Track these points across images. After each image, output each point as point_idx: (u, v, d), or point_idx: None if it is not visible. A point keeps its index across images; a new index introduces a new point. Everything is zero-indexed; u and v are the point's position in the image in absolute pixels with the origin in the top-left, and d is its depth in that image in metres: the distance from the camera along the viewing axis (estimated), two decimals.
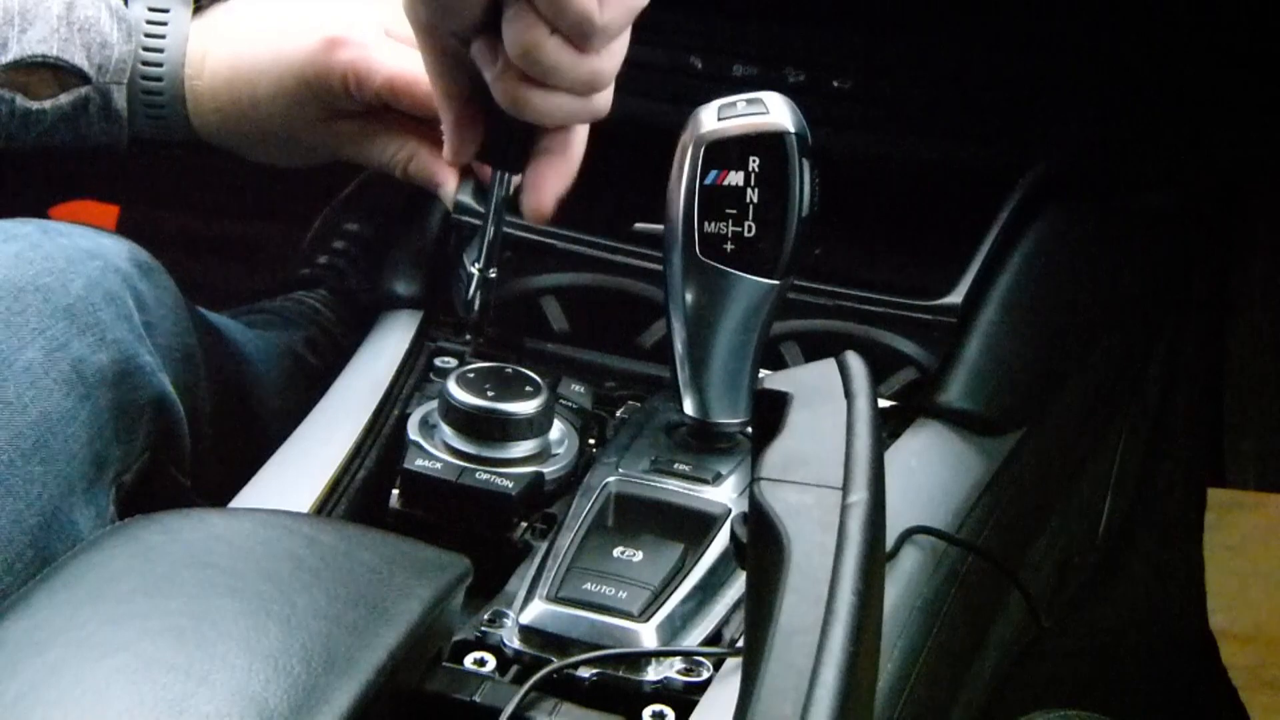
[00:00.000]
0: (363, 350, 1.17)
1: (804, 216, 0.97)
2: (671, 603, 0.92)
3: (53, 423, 0.98)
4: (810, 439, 0.71)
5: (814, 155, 0.97)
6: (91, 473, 1.00)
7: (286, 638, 0.76)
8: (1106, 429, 1.33)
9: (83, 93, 1.11)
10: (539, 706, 0.85)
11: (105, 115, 1.13)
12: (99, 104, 1.12)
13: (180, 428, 1.08)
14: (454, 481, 1.00)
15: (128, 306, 1.05)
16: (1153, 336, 1.40)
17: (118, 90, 1.12)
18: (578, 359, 1.16)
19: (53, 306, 1.01)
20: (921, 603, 0.99)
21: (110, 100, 1.12)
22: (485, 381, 1.03)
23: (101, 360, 1.01)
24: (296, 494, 1.03)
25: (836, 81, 1.24)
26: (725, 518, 0.96)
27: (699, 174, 0.96)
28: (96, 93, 1.12)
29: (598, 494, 0.98)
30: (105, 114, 1.13)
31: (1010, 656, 1.15)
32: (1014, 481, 1.12)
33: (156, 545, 0.82)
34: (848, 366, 0.74)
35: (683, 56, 1.26)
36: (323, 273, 1.41)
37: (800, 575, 0.66)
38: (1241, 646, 1.59)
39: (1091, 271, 1.25)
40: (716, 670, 0.89)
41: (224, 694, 0.72)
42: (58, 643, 0.75)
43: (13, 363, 0.97)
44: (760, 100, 0.97)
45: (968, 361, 1.11)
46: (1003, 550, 1.10)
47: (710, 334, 0.99)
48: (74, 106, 1.12)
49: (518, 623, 0.91)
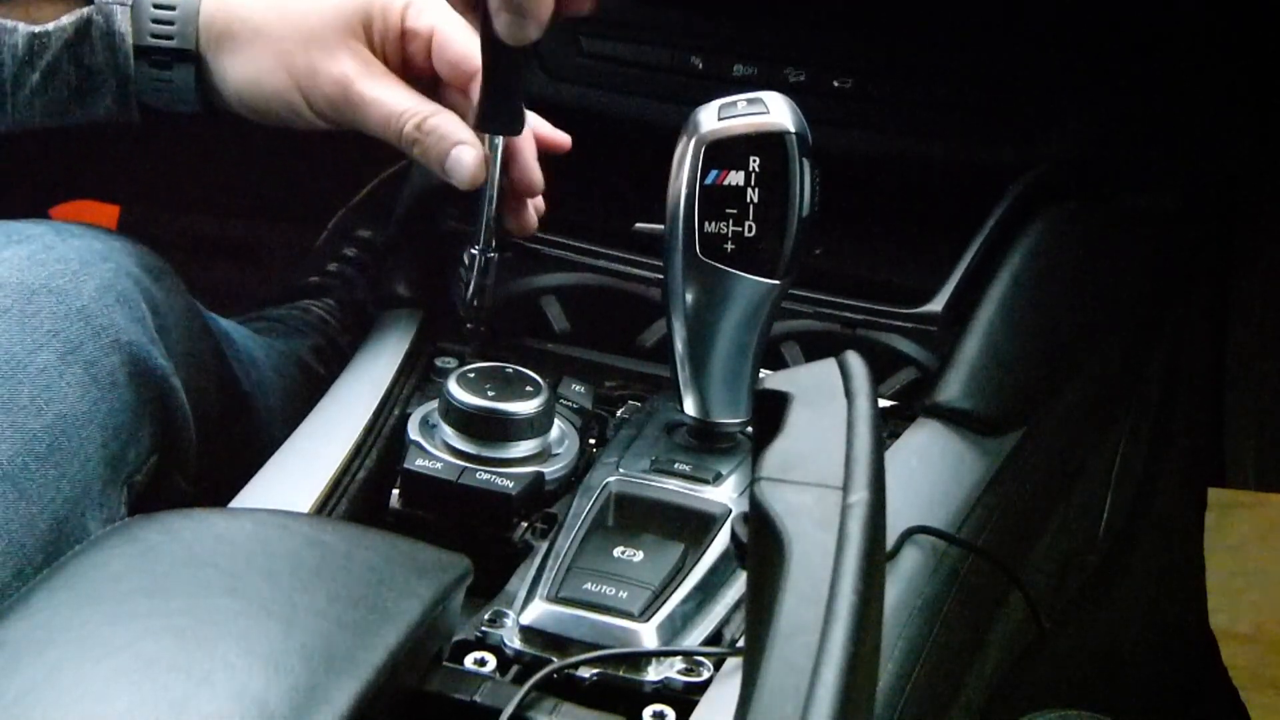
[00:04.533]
0: (363, 350, 1.17)
1: (804, 216, 0.97)
2: (672, 603, 0.92)
3: (67, 425, 0.97)
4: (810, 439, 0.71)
5: (814, 155, 0.97)
6: (106, 474, 1.00)
7: (286, 638, 0.76)
8: (1106, 429, 1.33)
9: (85, 13, 1.07)
10: (539, 706, 0.85)
11: (108, 41, 1.07)
12: (102, 26, 1.07)
13: (187, 432, 1.08)
14: (454, 481, 1.00)
15: (140, 309, 1.05)
16: (1153, 336, 1.40)
17: (120, 11, 1.07)
18: (578, 359, 1.16)
19: (66, 308, 1.00)
20: (921, 603, 0.99)
21: (113, 22, 1.07)
22: (485, 381, 1.03)
23: (114, 362, 1.01)
24: (296, 494, 1.03)
25: (836, 81, 1.24)
26: (725, 518, 0.96)
27: (699, 174, 0.96)
28: (99, 13, 1.07)
29: (598, 494, 0.98)
30: (108, 38, 1.07)
31: (1010, 656, 1.15)
32: (1014, 481, 1.12)
33: (156, 545, 0.82)
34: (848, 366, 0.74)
35: (683, 56, 1.26)
36: (331, 281, 1.41)
37: (800, 575, 0.66)
38: (1241, 646, 1.59)
39: (1092, 271, 1.25)
40: (717, 670, 0.89)
41: (224, 694, 0.72)
42: (58, 643, 0.75)
43: (27, 365, 0.97)
44: (760, 100, 0.97)
45: (967, 361, 1.11)
46: (1003, 550, 1.10)
47: (710, 334, 0.99)
48: (76, 29, 1.06)
49: (518, 623, 0.91)
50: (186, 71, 1.08)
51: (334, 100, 1.06)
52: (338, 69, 1.05)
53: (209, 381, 1.12)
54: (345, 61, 1.06)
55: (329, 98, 1.06)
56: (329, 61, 1.05)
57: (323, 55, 1.06)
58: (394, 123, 1.05)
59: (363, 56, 1.06)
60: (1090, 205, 1.24)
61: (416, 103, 1.06)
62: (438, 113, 1.05)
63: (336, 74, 1.05)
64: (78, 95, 1.08)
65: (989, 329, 1.13)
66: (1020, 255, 1.17)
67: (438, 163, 1.05)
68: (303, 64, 1.06)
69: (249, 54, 1.07)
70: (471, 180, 1.05)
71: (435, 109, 1.06)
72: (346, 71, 1.05)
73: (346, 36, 1.06)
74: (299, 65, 1.06)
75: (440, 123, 1.05)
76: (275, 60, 1.06)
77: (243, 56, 1.07)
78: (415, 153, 1.06)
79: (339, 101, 1.06)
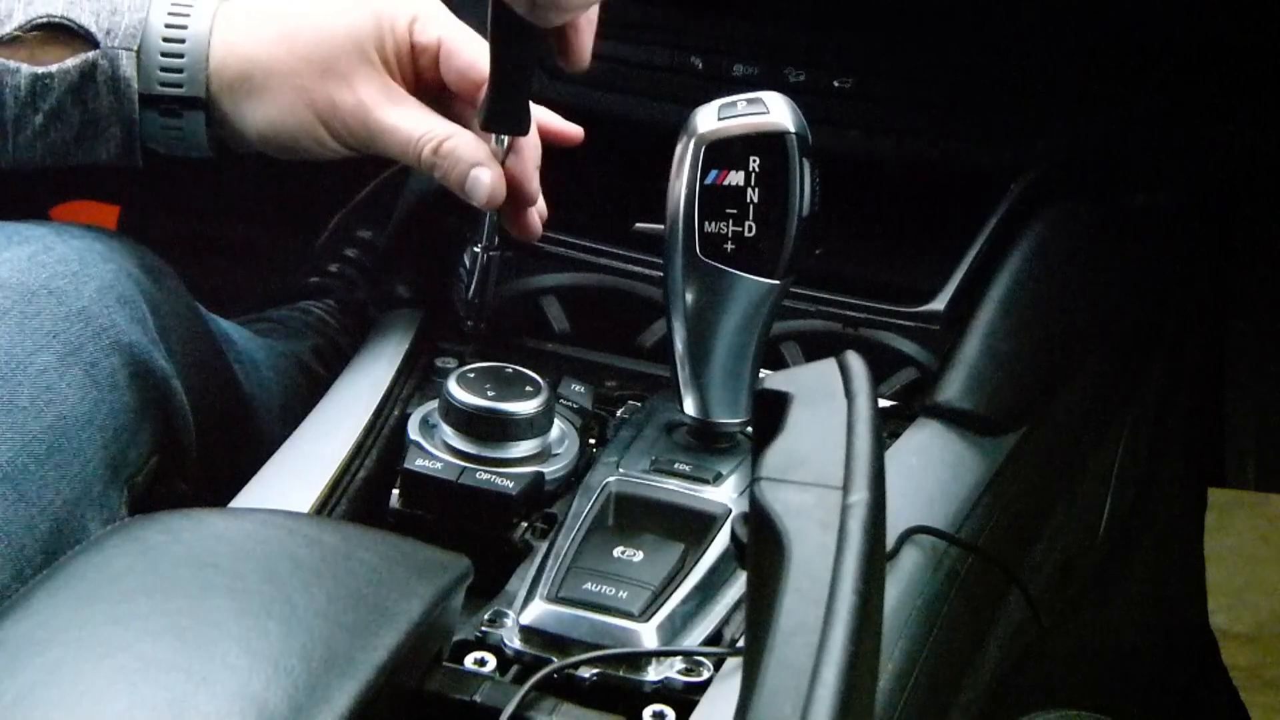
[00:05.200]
0: (363, 350, 1.17)
1: (804, 216, 0.97)
2: (672, 603, 0.92)
3: (67, 426, 0.97)
4: (810, 439, 0.71)
5: (814, 155, 0.97)
6: (106, 476, 1.00)
7: (286, 638, 0.76)
8: (1106, 429, 1.33)
9: (90, 57, 1.05)
10: (539, 706, 0.85)
11: (113, 86, 1.05)
12: (107, 72, 1.05)
13: (187, 434, 1.08)
14: (454, 481, 1.00)
15: (141, 310, 1.05)
16: (1153, 336, 1.40)
17: (126, 57, 1.05)
18: (578, 359, 1.16)
19: (66, 309, 1.00)
20: (922, 603, 0.99)
21: (118, 68, 1.05)
22: (485, 381, 1.03)
23: (115, 363, 1.01)
24: (297, 494, 1.03)
25: (836, 81, 1.24)
26: (725, 518, 0.96)
27: (699, 174, 0.96)
28: (104, 58, 1.05)
29: (598, 494, 0.98)
30: (113, 84, 1.05)
31: (1010, 656, 1.15)
32: (1014, 481, 1.12)
33: (156, 545, 0.82)
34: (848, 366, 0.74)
35: (683, 56, 1.26)
36: (332, 281, 1.40)
37: (800, 575, 0.66)
38: (1241, 646, 1.59)
39: (1092, 271, 1.25)
40: (717, 670, 0.89)
41: (224, 694, 0.72)
42: (58, 643, 0.75)
43: (27, 366, 0.97)
44: (760, 100, 0.97)
45: (967, 361, 1.11)
46: (1003, 550, 1.10)
47: (710, 334, 0.99)
48: (81, 73, 1.05)
49: (518, 623, 0.91)
50: (196, 119, 1.06)
51: (354, 130, 1.06)
52: (355, 98, 1.05)
53: (209, 382, 1.12)
54: (362, 89, 1.05)
55: (350, 128, 1.06)
56: (346, 91, 1.05)
57: (339, 85, 1.05)
58: (413, 148, 1.05)
59: (378, 81, 1.05)
60: (1090, 205, 1.24)
61: (433, 126, 1.05)
62: (454, 134, 1.05)
63: (354, 103, 1.05)
64: (80, 139, 1.07)
65: (989, 329, 1.13)
66: (1020, 255, 1.17)
67: (457, 185, 1.05)
68: (322, 97, 1.05)
69: (267, 96, 1.05)
70: (489, 200, 1.04)
71: (451, 130, 1.05)
72: (363, 100, 1.05)
73: (360, 62, 1.05)
74: (319, 100, 1.05)
75: (456, 145, 1.04)
76: (294, 98, 1.05)
77: (261, 100, 1.05)
78: (436, 175, 1.05)
79: (359, 131, 1.06)
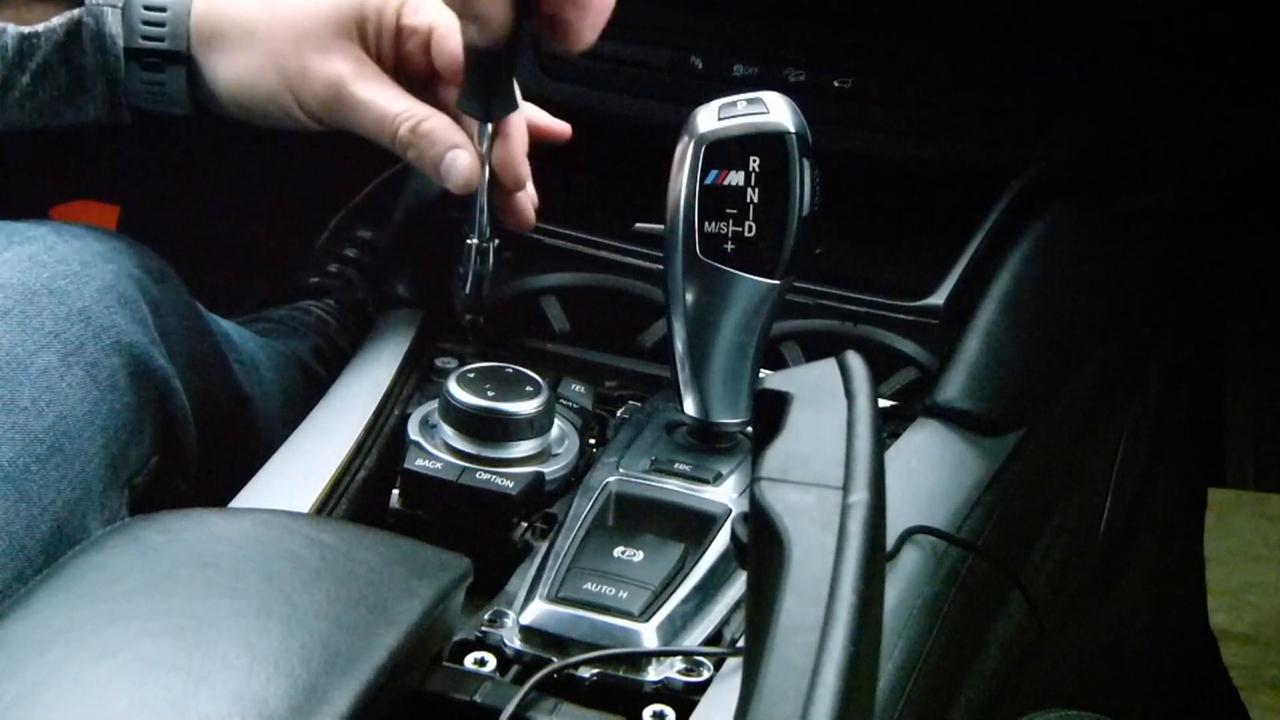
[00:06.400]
0: (363, 350, 1.17)
1: (804, 216, 0.97)
2: (672, 603, 0.92)
3: (68, 427, 0.97)
4: (810, 439, 0.71)
5: (814, 155, 0.97)
6: (107, 476, 1.00)
7: (287, 638, 0.76)
8: (1106, 429, 1.33)
9: (75, 14, 1.05)
10: (539, 706, 0.85)
11: (99, 43, 1.05)
12: (92, 28, 1.05)
13: (188, 434, 1.08)
14: (454, 481, 1.00)
15: (142, 310, 1.05)
16: (1153, 336, 1.40)
17: (111, 13, 1.05)
18: (578, 359, 1.16)
19: (67, 310, 1.00)
20: (922, 603, 0.99)
21: (104, 24, 1.05)
22: (485, 381, 1.03)
23: (116, 364, 1.01)
24: (297, 494, 1.03)
25: (836, 81, 1.24)
26: (725, 518, 0.96)
27: (699, 174, 0.96)
28: (89, 15, 1.05)
29: (598, 494, 0.98)
30: (99, 40, 1.05)
31: (1010, 656, 1.14)
32: (1014, 481, 1.12)
33: (156, 545, 0.82)
34: (848, 366, 0.74)
35: (683, 56, 1.26)
36: (332, 281, 1.40)
37: (800, 575, 0.66)
38: (1241, 646, 1.59)
39: (1092, 271, 1.25)
40: (717, 670, 0.89)
41: (224, 694, 0.72)
42: (58, 643, 0.75)
43: (28, 366, 0.97)
44: (760, 100, 0.97)
45: (968, 361, 1.11)
46: (1003, 550, 1.10)
47: (710, 334, 0.99)
48: (67, 31, 1.05)
49: (518, 623, 0.91)
50: (178, 73, 1.06)
51: (326, 102, 1.05)
52: (330, 70, 1.04)
53: (210, 383, 1.12)
54: (338, 62, 1.04)
55: (321, 99, 1.05)
56: (321, 62, 1.04)
57: (315, 55, 1.04)
58: (388, 125, 1.04)
59: (356, 57, 1.04)
60: (1090, 205, 1.24)
61: (410, 105, 1.04)
62: (432, 116, 1.04)
63: (329, 75, 1.04)
64: (68, 97, 1.07)
65: (989, 329, 1.13)
66: (1020, 255, 1.17)
67: (432, 167, 1.04)
68: (294, 64, 1.04)
69: (240, 54, 1.05)
70: (465, 184, 1.03)
71: (430, 112, 1.04)
72: (339, 72, 1.04)
73: (339, 36, 1.04)
74: (290, 66, 1.04)
75: (434, 126, 1.03)
76: (266, 60, 1.05)
77: (233, 57, 1.05)
78: (409, 156, 1.04)
79: (331, 103, 1.05)
